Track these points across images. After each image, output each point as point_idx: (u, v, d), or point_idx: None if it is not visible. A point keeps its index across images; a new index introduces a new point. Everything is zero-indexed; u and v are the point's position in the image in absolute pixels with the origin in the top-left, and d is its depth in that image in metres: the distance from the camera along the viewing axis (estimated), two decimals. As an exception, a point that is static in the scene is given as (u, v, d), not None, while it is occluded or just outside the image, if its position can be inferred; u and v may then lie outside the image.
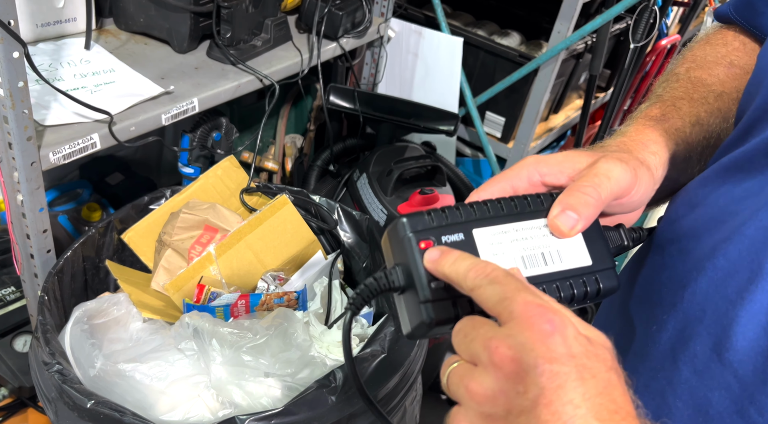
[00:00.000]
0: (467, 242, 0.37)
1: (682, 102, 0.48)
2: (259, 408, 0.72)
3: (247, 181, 1.04)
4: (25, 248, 0.86)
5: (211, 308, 0.85)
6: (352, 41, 1.28)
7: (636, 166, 0.41)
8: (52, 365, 0.70)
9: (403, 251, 0.37)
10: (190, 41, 1.06)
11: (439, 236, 0.37)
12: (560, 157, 0.42)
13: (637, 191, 0.41)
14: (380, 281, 0.38)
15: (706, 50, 0.53)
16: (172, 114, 0.94)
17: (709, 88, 0.49)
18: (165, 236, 0.92)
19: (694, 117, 0.47)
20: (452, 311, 0.36)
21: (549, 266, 0.38)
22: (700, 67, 0.51)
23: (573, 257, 0.39)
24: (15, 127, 0.73)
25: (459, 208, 0.38)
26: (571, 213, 0.38)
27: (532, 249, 0.39)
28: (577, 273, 0.39)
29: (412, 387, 0.81)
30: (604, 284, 0.39)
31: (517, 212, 0.39)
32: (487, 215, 0.38)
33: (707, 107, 0.48)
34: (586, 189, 0.38)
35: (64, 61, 0.96)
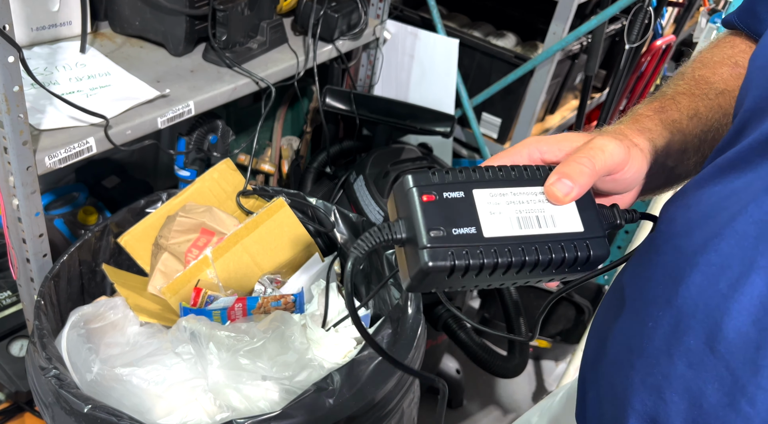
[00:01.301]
0: (467, 199, 0.39)
1: (683, 97, 0.50)
2: (256, 411, 0.72)
3: (244, 184, 1.04)
4: (21, 253, 0.86)
5: (208, 312, 0.85)
6: (348, 43, 1.28)
7: (629, 145, 0.43)
8: (48, 370, 0.70)
9: (407, 203, 0.39)
10: (185, 44, 1.06)
11: (441, 192, 0.39)
12: (559, 137, 0.44)
13: (629, 169, 0.43)
14: (383, 230, 0.39)
15: (714, 52, 0.54)
16: (168, 117, 0.94)
17: (711, 85, 0.51)
18: (161, 239, 0.92)
19: (693, 110, 0.49)
20: (449, 258, 0.38)
21: (543, 229, 0.40)
22: (705, 67, 0.53)
23: (566, 222, 0.41)
24: (10, 131, 0.73)
25: (462, 170, 0.40)
26: (566, 180, 0.40)
27: (527, 212, 0.40)
28: (570, 237, 0.40)
29: (409, 389, 0.81)
30: (594, 251, 0.41)
31: (516, 178, 0.41)
32: (487, 178, 0.41)
33: (707, 102, 0.50)
34: (582, 159, 0.41)
35: (60, 65, 0.96)
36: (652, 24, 1.53)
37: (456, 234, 0.38)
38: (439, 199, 0.39)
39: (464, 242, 0.38)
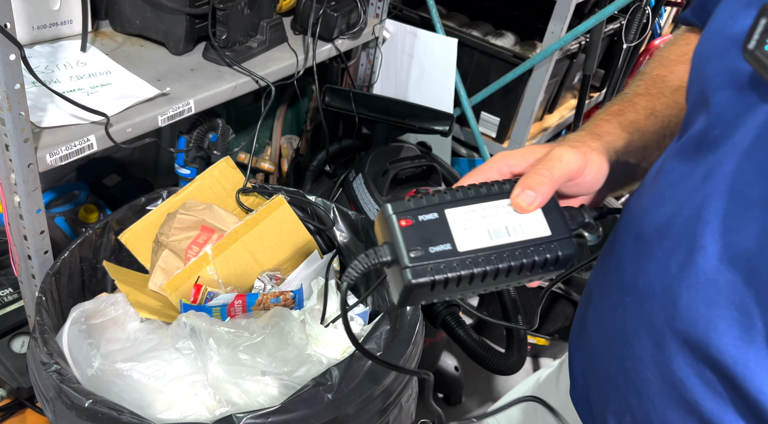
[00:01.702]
0: (440, 219, 0.44)
1: (640, 97, 0.54)
2: (256, 406, 0.72)
3: (244, 181, 1.05)
4: (22, 250, 0.87)
5: (208, 308, 0.86)
6: (348, 42, 1.29)
7: (587, 151, 0.46)
8: (50, 365, 0.71)
9: (388, 229, 0.43)
10: (185, 43, 1.06)
11: (416, 216, 0.43)
12: (524, 150, 0.48)
13: (588, 173, 0.46)
14: (370, 256, 0.44)
15: (671, 50, 0.58)
16: (169, 115, 0.95)
17: (666, 83, 0.54)
18: (162, 236, 0.93)
19: (649, 110, 0.53)
20: (428, 274, 0.42)
21: (512, 237, 0.44)
22: (663, 65, 0.57)
23: (534, 229, 0.45)
24: (12, 129, 0.74)
25: (435, 193, 0.44)
26: (529, 191, 0.44)
27: (497, 223, 0.44)
28: (538, 242, 0.44)
29: (408, 385, 0.82)
30: (562, 251, 0.44)
31: (485, 194, 0.45)
32: (458, 198, 0.44)
33: (663, 100, 0.53)
34: (541, 171, 0.44)
35: (61, 64, 0.97)
36: (650, 23, 1.53)
37: (433, 252, 0.42)
38: (415, 222, 0.43)
39: (441, 258, 0.42)
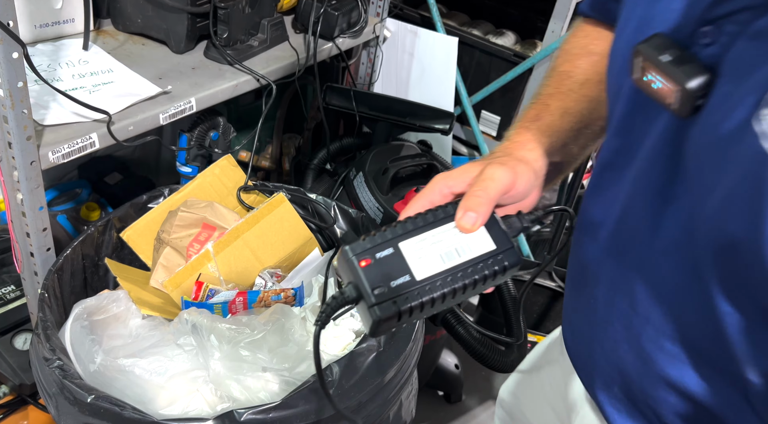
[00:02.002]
0: (396, 254, 0.48)
1: (552, 98, 0.58)
2: (257, 402, 0.73)
3: (245, 179, 1.05)
4: (25, 247, 0.87)
5: (210, 305, 0.86)
6: (348, 41, 1.29)
7: (514, 165, 0.51)
8: (52, 361, 0.71)
9: (350, 271, 0.47)
10: (187, 42, 1.07)
11: (374, 254, 0.47)
12: (460, 170, 0.52)
13: (519, 184, 0.51)
14: (338, 298, 0.48)
15: (572, 43, 0.63)
16: (170, 113, 0.95)
17: (573, 79, 0.59)
18: (163, 234, 0.93)
19: (562, 109, 0.57)
20: (394, 308, 0.46)
21: (462, 257, 0.48)
22: (567, 61, 0.61)
23: (480, 245, 0.49)
24: (14, 126, 0.75)
25: (387, 229, 0.48)
26: (470, 213, 0.48)
27: (447, 247, 0.48)
28: (486, 257, 0.49)
29: (407, 381, 0.82)
30: (508, 261, 0.49)
31: (432, 221, 0.49)
32: (409, 230, 0.48)
33: (573, 96, 0.58)
34: (478, 192, 0.48)
35: (63, 62, 0.97)
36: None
37: (395, 285, 0.46)
38: (374, 261, 0.47)
39: (403, 290, 0.46)
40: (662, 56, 0.39)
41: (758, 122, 0.35)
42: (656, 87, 0.40)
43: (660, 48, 0.40)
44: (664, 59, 0.39)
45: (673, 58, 0.39)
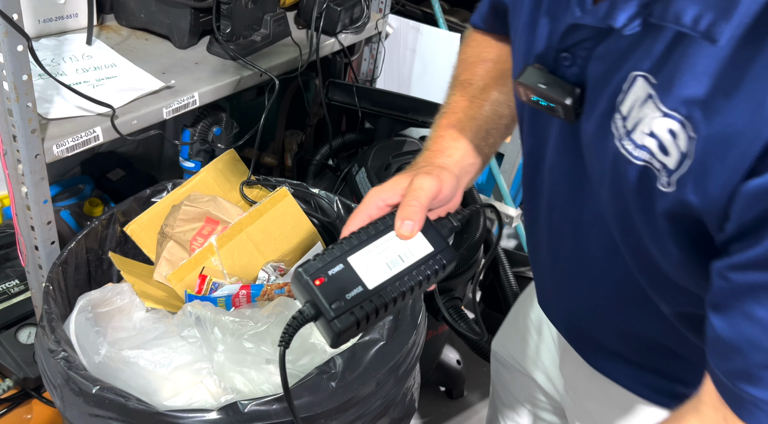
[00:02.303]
0: (347, 268, 0.52)
1: (459, 106, 0.66)
2: (260, 394, 0.73)
3: (248, 174, 1.05)
4: (29, 240, 0.88)
5: (213, 299, 0.87)
6: (351, 37, 1.29)
7: (438, 173, 0.58)
8: (57, 353, 0.72)
9: (307, 291, 0.51)
10: (190, 37, 1.07)
11: (326, 272, 0.52)
12: (391, 183, 0.58)
13: (445, 189, 0.57)
14: (298, 318, 0.52)
15: (467, 52, 0.71)
16: (173, 108, 0.95)
17: (474, 85, 0.67)
18: (167, 228, 0.94)
19: (470, 115, 0.65)
20: (352, 318, 0.51)
21: (406, 262, 0.54)
22: (466, 70, 0.69)
23: (420, 249, 0.55)
24: (19, 119, 0.75)
25: (334, 247, 0.53)
26: (407, 222, 0.54)
27: (390, 255, 0.54)
28: (425, 259, 0.54)
29: (410, 375, 0.82)
30: (446, 259, 0.55)
31: (374, 234, 0.54)
32: (355, 244, 0.53)
33: (478, 102, 0.66)
34: (412, 202, 0.54)
35: (67, 57, 0.97)
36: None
37: (350, 298, 0.51)
38: (327, 278, 0.51)
39: (358, 300, 0.51)
40: (540, 85, 0.50)
41: (614, 125, 0.45)
42: (544, 104, 0.50)
43: (535, 78, 0.50)
44: (542, 87, 0.50)
45: (547, 85, 0.50)
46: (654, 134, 0.42)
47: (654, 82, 0.42)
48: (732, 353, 0.41)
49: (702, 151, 0.39)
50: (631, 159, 0.44)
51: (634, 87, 0.43)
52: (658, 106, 0.42)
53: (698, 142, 0.39)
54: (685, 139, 0.40)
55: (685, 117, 0.40)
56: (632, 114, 0.44)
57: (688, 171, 0.40)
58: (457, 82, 0.69)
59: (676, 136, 0.41)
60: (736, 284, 0.40)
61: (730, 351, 0.41)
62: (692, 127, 0.40)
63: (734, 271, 0.40)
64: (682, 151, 0.41)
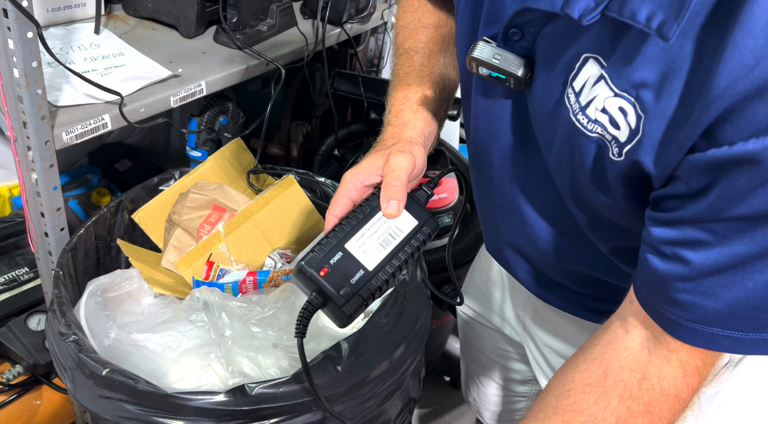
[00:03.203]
0: (346, 255, 0.56)
1: (410, 77, 0.70)
2: (267, 378, 0.74)
3: (254, 163, 1.06)
4: (39, 227, 0.89)
5: (220, 285, 0.88)
6: (357, 27, 1.30)
7: (410, 148, 0.61)
8: (68, 336, 0.73)
9: (313, 282, 0.55)
10: (197, 26, 1.08)
11: (328, 261, 0.56)
12: (365, 164, 0.61)
13: (418, 163, 0.61)
14: (308, 308, 0.57)
15: (406, 19, 0.74)
16: (181, 96, 0.96)
17: (419, 53, 0.71)
18: (174, 215, 0.94)
19: (423, 84, 0.69)
20: (360, 299, 0.56)
21: (396, 239, 0.59)
22: (408, 37, 0.73)
23: (407, 224, 0.60)
24: (29, 106, 0.76)
25: (329, 236, 0.57)
26: (393, 201, 0.58)
27: (382, 235, 0.58)
28: (413, 232, 0.60)
29: (415, 359, 0.83)
30: (430, 229, 0.61)
31: (362, 218, 0.58)
32: (347, 230, 0.57)
33: (426, 70, 0.70)
34: (393, 182, 0.58)
35: (75, 45, 0.98)
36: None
37: (354, 282, 0.56)
38: (330, 267, 0.55)
39: (362, 282, 0.56)
40: (493, 59, 0.53)
41: (567, 99, 0.49)
42: (494, 76, 0.54)
43: (487, 52, 0.53)
44: (495, 61, 0.53)
45: (500, 60, 0.53)
46: (606, 111, 0.46)
47: (604, 64, 0.46)
48: (661, 285, 0.47)
49: (650, 128, 0.44)
50: (585, 132, 0.48)
51: (586, 67, 0.47)
52: (610, 86, 0.46)
53: (646, 120, 0.44)
54: (634, 117, 0.45)
55: (634, 98, 0.44)
56: (584, 91, 0.48)
57: (636, 144, 0.45)
58: (402, 50, 0.73)
59: (626, 113, 0.45)
60: (674, 234, 0.45)
61: (660, 283, 0.47)
62: (641, 107, 0.44)
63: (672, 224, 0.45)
64: (632, 128, 0.45)
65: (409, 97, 0.68)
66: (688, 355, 0.49)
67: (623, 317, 0.52)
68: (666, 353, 0.49)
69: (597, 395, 0.50)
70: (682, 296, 0.46)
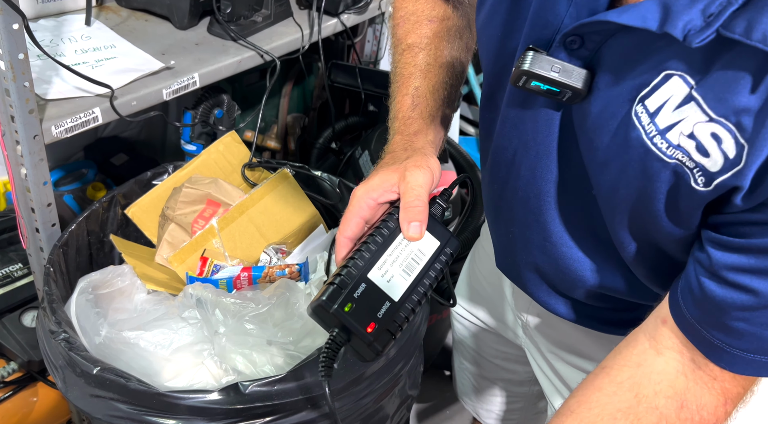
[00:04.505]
0: (370, 286, 0.52)
1: (415, 78, 0.65)
2: (262, 375, 0.73)
3: (249, 156, 1.04)
4: (30, 222, 0.87)
5: (214, 281, 0.86)
6: (353, 17, 1.27)
7: (426, 162, 0.58)
8: (58, 334, 0.71)
9: (338, 318, 0.51)
10: (190, 17, 1.06)
11: (352, 295, 0.51)
12: (377, 180, 0.57)
13: (435, 176, 0.58)
14: (332, 346, 0.52)
15: (407, 8, 0.69)
16: (173, 89, 0.94)
17: (423, 50, 0.66)
18: (168, 210, 0.93)
19: (431, 87, 0.65)
20: (388, 335, 0.52)
21: (420, 263, 0.55)
22: (410, 31, 0.67)
23: (429, 246, 0.56)
24: (17, 99, 0.74)
25: (347, 266, 0.52)
26: (414, 223, 0.55)
27: (404, 260, 0.54)
28: (436, 254, 0.56)
29: (413, 356, 0.82)
30: (452, 249, 0.57)
31: (382, 242, 0.54)
32: (368, 258, 0.53)
33: (434, 70, 0.65)
34: (413, 202, 0.55)
35: (65, 37, 0.96)
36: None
37: (381, 316, 0.51)
38: (355, 303, 0.51)
39: (389, 316, 0.52)
40: (552, 72, 0.47)
41: (636, 118, 0.45)
42: (544, 88, 0.48)
43: (545, 64, 0.47)
44: (554, 74, 0.47)
45: (559, 72, 0.47)
46: (694, 136, 0.42)
47: (693, 83, 0.41)
48: (715, 311, 0.44)
49: (753, 158, 0.40)
50: (663, 157, 0.44)
51: (667, 85, 0.43)
52: (704, 110, 0.41)
53: (750, 151, 0.40)
54: (733, 146, 0.40)
55: (734, 125, 0.40)
56: (664, 112, 0.43)
57: (734, 175, 0.41)
58: (404, 45, 0.68)
59: (720, 141, 0.41)
60: (744, 261, 0.42)
61: (714, 309, 0.44)
62: (742, 135, 0.40)
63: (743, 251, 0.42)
64: (729, 158, 0.41)
65: (417, 104, 0.64)
66: (731, 383, 0.46)
67: (653, 336, 0.48)
68: (707, 379, 0.46)
69: (629, 423, 0.47)
70: (739, 324, 0.43)
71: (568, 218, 0.57)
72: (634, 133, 0.45)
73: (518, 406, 0.96)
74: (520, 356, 0.85)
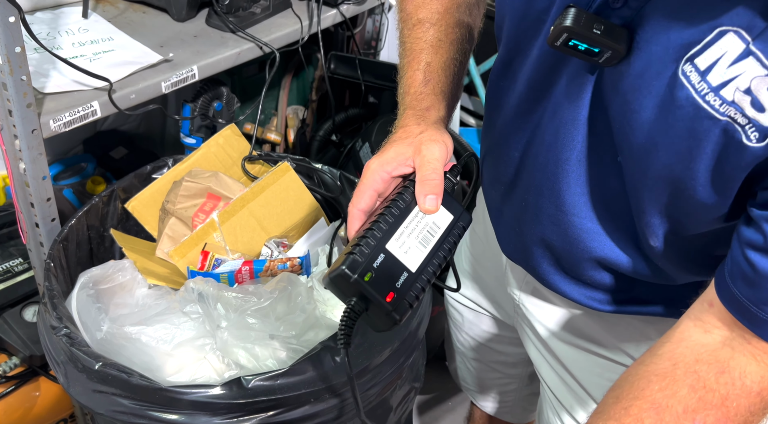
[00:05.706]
0: (388, 256, 0.52)
1: (426, 54, 0.65)
2: (264, 370, 0.73)
3: (249, 149, 1.04)
4: (29, 217, 0.87)
5: (216, 275, 0.86)
6: (353, 8, 1.26)
7: (440, 137, 0.58)
8: (60, 329, 0.71)
9: (357, 288, 0.51)
10: (188, 9, 1.05)
11: (371, 264, 0.51)
12: (392, 153, 0.57)
13: (450, 150, 0.58)
14: (351, 315, 0.52)
15: None
16: (172, 82, 0.93)
17: (434, 25, 0.66)
18: (168, 204, 0.92)
19: (442, 63, 0.65)
20: (406, 305, 0.52)
21: (435, 235, 0.56)
22: (421, 6, 0.67)
23: (443, 219, 0.57)
24: (14, 93, 0.73)
25: (365, 237, 0.52)
26: (431, 196, 0.55)
27: (420, 232, 0.55)
28: (450, 228, 0.57)
29: (415, 349, 0.82)
30: (464, 223, 0.58)
31: (399, 215, 0.54)
32: (385, 229, 0.53)
33: (444, 46, 0.65)
34: (430, 175, 0.55)
35: (63, 30, 0.95)
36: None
37: (399, 286, 0.52)
38: (374, 272, 0.51)
39: (407, 286, 0.52)
40: (594, 30, 0.46)
41: (685, 78, 0.44)
42: (583, 48, 0.48)
43: (587, 23, 0.47)
44: (597, 32, 0.46)
45: (602, 31, 0.46)
46: (750, 91, 0.42)
47: (749, 39, 0.41)
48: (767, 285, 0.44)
49: None
50: (715, 114, 0.43)
51: (720, 41, 0.42)
52: (764, 64, 0.41)
53: None
54: None
55: None
56: (717, 69, 0.43)
57: None
58: (414, 20, 0.67)
59: None
60: None
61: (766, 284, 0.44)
62: None
63: None
64: None
65: (429, 79, 0.64)
66: None
67: (698, 318, 0.49)
68: (756, 352, 0.46)
69: (664, 384, 0.46)
70: None
71: (583, 187, 0.57)
72: (682, 92, 0.44)
73: (512, 388, 0.97)
74: (513, 338, 0.85)
